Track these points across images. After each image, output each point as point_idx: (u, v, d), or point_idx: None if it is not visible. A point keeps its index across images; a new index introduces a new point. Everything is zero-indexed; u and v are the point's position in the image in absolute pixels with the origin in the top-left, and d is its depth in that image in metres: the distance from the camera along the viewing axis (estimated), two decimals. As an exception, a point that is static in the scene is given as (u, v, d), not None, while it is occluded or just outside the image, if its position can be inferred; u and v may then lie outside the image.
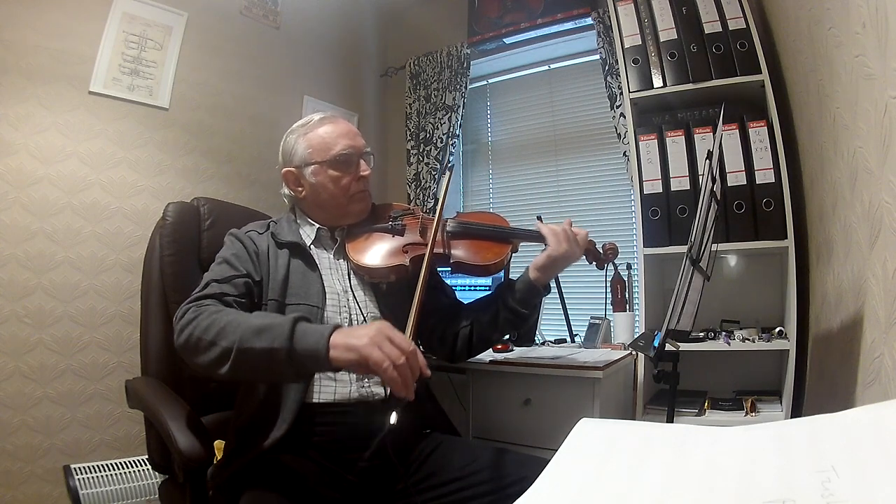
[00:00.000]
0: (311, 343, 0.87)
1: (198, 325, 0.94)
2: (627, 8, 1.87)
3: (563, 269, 1.23)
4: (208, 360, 0.92)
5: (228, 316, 0.95)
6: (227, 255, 1.13)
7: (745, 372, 1.80)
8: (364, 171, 1.21)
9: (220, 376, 0.93)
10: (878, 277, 0.92)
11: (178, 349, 0.98)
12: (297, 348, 0.87)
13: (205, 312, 0.96)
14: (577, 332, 1.98)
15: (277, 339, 0.87)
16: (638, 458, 0.47)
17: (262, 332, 0.88)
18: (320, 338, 0.86)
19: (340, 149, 1.19)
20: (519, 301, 1.20)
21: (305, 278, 1.14)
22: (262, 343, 0.87)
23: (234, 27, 2.21)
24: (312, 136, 1.21)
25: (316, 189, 1.20)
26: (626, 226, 2.31)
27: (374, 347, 0.84)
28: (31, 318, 1.66)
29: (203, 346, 0.93)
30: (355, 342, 0.85)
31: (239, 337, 0.90)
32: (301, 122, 1.26)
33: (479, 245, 1.23)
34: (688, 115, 1.80)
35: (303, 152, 1.20)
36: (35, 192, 1.68)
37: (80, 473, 1.62)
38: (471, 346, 1.26)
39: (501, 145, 2.73)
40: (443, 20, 2.74)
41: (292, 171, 1.22)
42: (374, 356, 0.83)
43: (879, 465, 0.36)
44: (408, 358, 0.85)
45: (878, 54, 0.89)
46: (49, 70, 1.71)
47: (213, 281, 1.06)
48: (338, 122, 1.24)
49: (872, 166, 0.94)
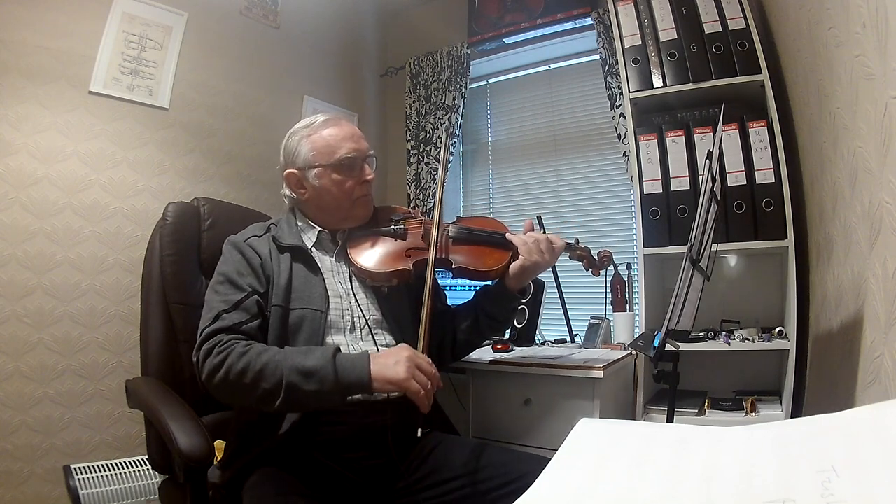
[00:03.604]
0: (355, 379, 0.97)
1: (230, 369, 0.97)
2: (627, 8, 1.87)
3: (535, 276, 1.27)
4: (252, 399, 0.98)
5: (262, 357, 0.98)
6: (230, 273, 1.11)
7: (745, 372, 1.80)
8: (368, 175, 1.21)
9: (265, 410, 1.00)
10: (878, 277, 0.92)
11: (212, 390, 1.01)
12: (344, 385, 0.97)
13: (233, 354, 0.98)
14: (577, 332, 1.98)
15: (325, 382, 0.96)
16: (638, 458, 0.47)
17: (310, 377, 0.96)
18: (362, 373, 0.97)
19: (345, 152, 1.18)
20: (496, 306, 1.24)
21: (308, 282, 1.13)
22: (310, 386, 0.96)
23: (234, 27, 2.21)
24: (316, 139, 1.20)
25: (319, 192, 1.19)
26: (626, 226, 2.31)
27: (411, 381, 0.96)
28: (31, 318, 1.66)
29: (242, 389, 0.97)
30: (394, 377, 0.96)
31: (283, 379, 0.96)
32: (304, 122, 1.24)
33: (481, 251, 1.24)
34: (688, 115, 1.80)
35: (306, 154, 1.19)
36: (35, 192, 1.68)
37: (80, 473, 1.61)
38: (454, 350, 1.28)
39: (501, 145, 2.73)
40: (443, 20, 2.74)
41: (295, 172, 1.21)
42: (412, 389, 0.96)
43: (879, 465, 0.36)
44: (432, 380, 0.99)
45: (878, 54, 0.89)
46: (49, 70, 1.71)
47: (223, 312, 1.04)
48: (342, 124, 1.23)
49: (872, 166, 0.94)
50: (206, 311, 1.07)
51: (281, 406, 0.97)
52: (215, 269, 1.15)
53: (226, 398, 1.04)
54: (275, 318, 1.08)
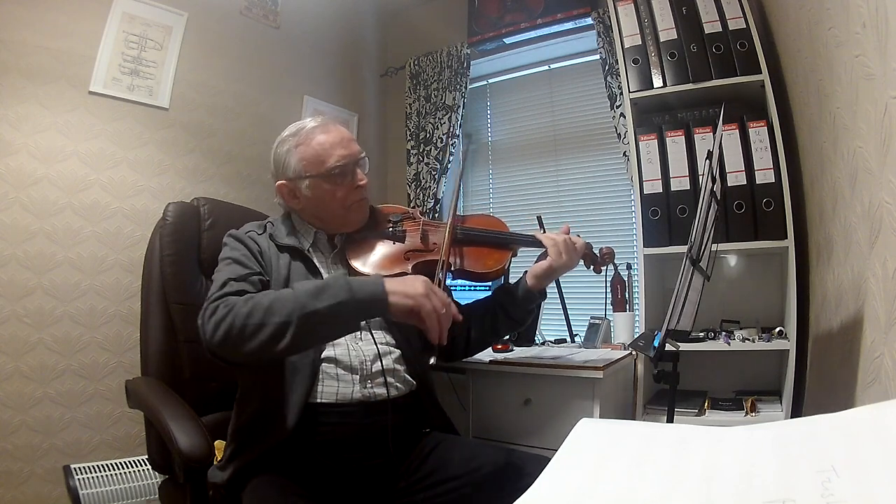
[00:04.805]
0: (370, 291, 0.94)
1: (237, 315, 0.94)
2: (627, 8, 1.87)
3: (558, 277, 1.28)
4: (259, 342, 0.92)
5: (267, 297, 0.95)
6: (236, 256, 1.11)
7: (745, 372, 1.80)
8: (361, 180, 1.18)
9: (270, 355, 0.94)
10: (878, 277, 0.92)
11: (216, 345, 0.95)
12: (359, 298, 0.93)
13: (238, 303, 0.96)
14: (577, 332, 1.98)
15: (339, 294, 0.92)
16: (638, 458, 0.47)
17: (321, 294, 0.92)
18: (377, 286, 0.94)
19: (335, 161, 1.15)
20: (517, 306, 1.23)
21: (306, 280, 1.13)
22: (325, 302, 0.92)
23: (234, 27, 2.21)
24: (304, 149, 1.16)
25: (312, 202, 1.18)
26: (626, 226, 2.31)
27: (427, 298, 0.93)
28: (31, 318, 1.66)
29: (250, 332, 0.92)
30: (412, 290, 0.94)
31: (294, 307, 0.92)
32: (292, 130, 1.20)
33: (480, 252, 1.23)
34: (688, 115, 1.80)
35: (296, 165, 1.16)
36: (35, 192, 1.68)
37: (80, 473, 1.61)
38: (468, 346, 1.28)
39: (501, 145, 2.73)
40: (443, 20, 2.74)
41: (286, 184, 1.18)
42: (427, 306, 0.92)
43: (879, 465, 0.36)
44: (447, 308, 0.95)
45: (878, 54, 0.89)
46: (49, 70, 1.71)
47: (231, 279, 1.04)
48: (329, 129, 1.19)
49: (872, 166, 0.94)
50: (214, 285, 1.05)
51: (292, 340, 0.92)
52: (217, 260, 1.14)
53: (230, 351, 0.96)
54: None
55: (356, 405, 1.06)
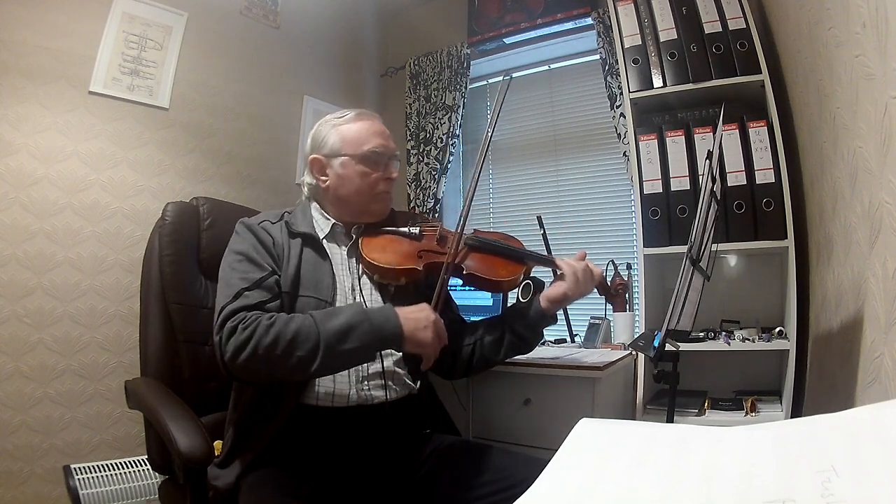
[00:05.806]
0: (389, 333, 1.01)
1: (259, 344, 0.96)
2: (627, 8, 1.87)
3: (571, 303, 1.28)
4: (282, 370, 0.98)
5: (290, 326, 0.98)
6: (248, 250, 1.11)
7: (745, 372, 1.79)
8: (393, 173, 1.22)
9: (289, 381, 1.04)
10: (878, 277, 0.92)
11: (236, 369, 0.98)
12: (380, 338, 1.01)
13: (259, 328, 0.97)
14: (577, 332, 1.98)
15: (364, 339, 0.99)
16: (638, 458, 0.47)
17: (346, 335, 0.98)
18: (395, 328, 1.01)
19: (373, 146, 1.19)
20: (527, 327, 1.20)
21: (317, 270, 1.13)
22: (349, 345, 0.98)
23: (234, 27, 2.21)
24: (346, 129, 1.21)
25: (341, 181, 1.19)
26: (626, 226, 2.31)
27: (435, 348, 1.05)
28: (31, 318, 1.66)
29: (273, 362, 0.96)
30: (424, 340, 1.03)
31: (319, 345, 0.97)
32: (336, 113, 1.26)
33: (494, 261, 1.22)
34: (688, 115, 1.80)
35: (334, 142, 1.20)
36: (35, 192, 1.68)
37: (80, 473, 1.61)
38: (470, 365, 1.24)
39: (501, 145, 2.73)
40: (443, 20, 2.74)
41: (320, 158, 1.21)
42: (432, 355, 1.05)
43: (879, 465, 0.36)
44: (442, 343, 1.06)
45: (878, 54, 0.89)
46: (49, 70, 1.71)
47: (245, 290, 1.04)
48: (374, 120, 1.24)
49: (872, 166, 0.94)
50: (225, 288, 1.05)
51: (316, 371, 0.98)
52: (227, 248, 1.14)
53: (252, 375, 1.01)
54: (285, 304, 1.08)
55: (353, 408, 1.07)
